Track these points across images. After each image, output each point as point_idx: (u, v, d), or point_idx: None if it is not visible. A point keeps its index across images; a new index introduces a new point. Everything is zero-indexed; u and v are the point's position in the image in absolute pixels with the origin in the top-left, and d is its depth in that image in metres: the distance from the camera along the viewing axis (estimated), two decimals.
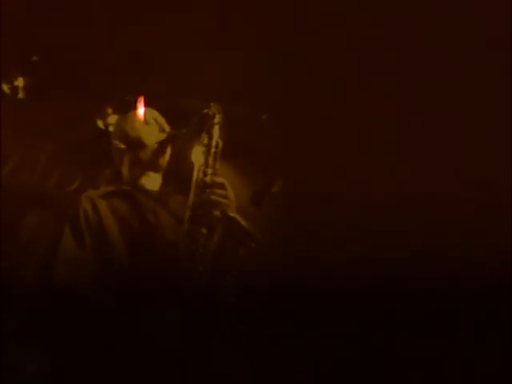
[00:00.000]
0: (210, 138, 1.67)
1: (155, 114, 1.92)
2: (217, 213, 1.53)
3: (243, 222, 1.48)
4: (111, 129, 3.62)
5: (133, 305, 1.51)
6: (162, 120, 1.91)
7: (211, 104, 1.71)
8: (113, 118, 3.60)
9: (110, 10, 2.88)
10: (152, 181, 1.85)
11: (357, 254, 2.94)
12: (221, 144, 1.66)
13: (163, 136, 1.84)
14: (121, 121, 1.96)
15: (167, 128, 1.88)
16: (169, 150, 1.85)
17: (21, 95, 3.32)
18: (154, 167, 1.86)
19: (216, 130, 1.68)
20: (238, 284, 1.58)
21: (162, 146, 1.82)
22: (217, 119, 1.69)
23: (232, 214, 1.50)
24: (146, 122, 1.87)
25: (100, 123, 3.67)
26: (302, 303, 3.26)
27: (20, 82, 3.29)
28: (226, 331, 1.47)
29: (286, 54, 3.03)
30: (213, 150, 1.65)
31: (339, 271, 2.99)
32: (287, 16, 2.88)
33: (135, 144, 1.84)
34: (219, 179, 1.61)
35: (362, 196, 3.06)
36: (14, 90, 3.28)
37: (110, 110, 3.63)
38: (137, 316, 1.46)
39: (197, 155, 1.67)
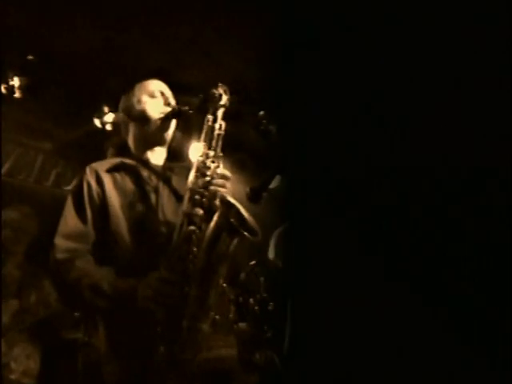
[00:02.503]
0: (215, 120, 1.64)
1: (162, 86, 1.87)
2: (216, 197, 1.52)
3: (242, 210, 1.48)
4: (108, 127, 3.64)
5: (129, 282, 1.49)
6: (168, 93, 1.86)
7: (219, 84, 1.67)
8: (109, 117, 3.60)
9: (106, 8, 2.88)
10: (156, 155, 1.82)
11: (356, 255, 2.95)
12: (224, 126, 1.64)
13: (168, 110, 1.79)
14: (128, 93, 1.90)
15: (173, 102, 1.83)
16: (173, 125, 1.83)
17: (17, 95, 3.31)
18: (159, 141, 1.82)
19: (221, 112, 1.65)
20: (231, 271, 1.59)
21: (166, 120, 1.78)
22: (223, 101, 1.66)
23: (231, 200, 1.50)
24: (152, 94, 1.83)
25: (97, 122, 3.67)
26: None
27: (16, 82, 3.29)
28: (216, 316, 1.47)
29: (284, 50, 3.03)
30: (216, 132, 1.63)
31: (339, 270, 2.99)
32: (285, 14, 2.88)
33: (140, 117, 1.80)
34: (221, 169, 1.60)
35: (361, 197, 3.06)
36: (10, 89, 3.28)
37: (106, 109, 3.63)
38: (133, 294, 1.45)
39: (200, 136, 1.64)
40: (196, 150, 1.69)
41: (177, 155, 1.87)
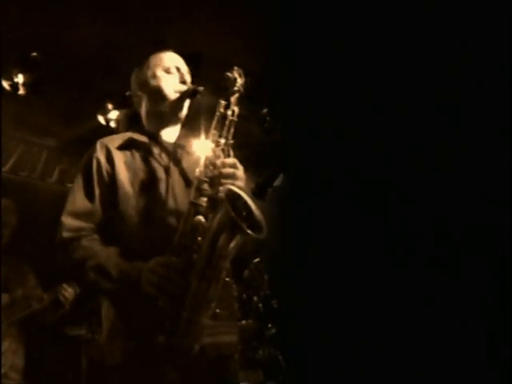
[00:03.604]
0: (227, 106, 1.57)
1: (178, 60, 1.80)
2: (223, 188, 1.46)
3: (249, 202, 1.45)
4: (112, 124, 3.65)
5: (134, 265, 1.48)
6: (184, 69, 1.78)
7: (234, 68, 1.61)
8: (114, 114, 3.60)
9: (110, 6, 2.88)
10: (169, 131, 1.76)
11: (357, 253, 2.96)
12: (237, 112, 1.57)
13: (183, 88, 1.72)
14: (143, 65, 1.81)
15: (189, 79, 1.75)
16: (187, 104, 1.76)
17: (21, 91, 3.31)
18: (172, 119, 1.76)
19: (234, 98, 1.58)
20: (235, 267, 1.58)
21: (180, 98, 1.72)
22: (237, 87, 1.59)
23: (239, 192, 1.46)
24: (168, 70, 1.75)
25: (101, 119, 3.67)
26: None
27: (20, 79, 3.29)
28: (217, 310, 1.47)
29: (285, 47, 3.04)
30: (228, 119, 1.56)
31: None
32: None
33: (154, 93, 1.74)
34: (231, 158, 1.55)
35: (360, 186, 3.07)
36: (15, 86, 3.28)
37: (110, 106, 3.63)
38: (137, 277, 1.43)
39: (211, 122, 1.58)
40: (202, 146, 1.67)
41: (190, 132, 1.82)
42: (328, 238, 3.20)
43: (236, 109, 1.58)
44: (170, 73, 1.75)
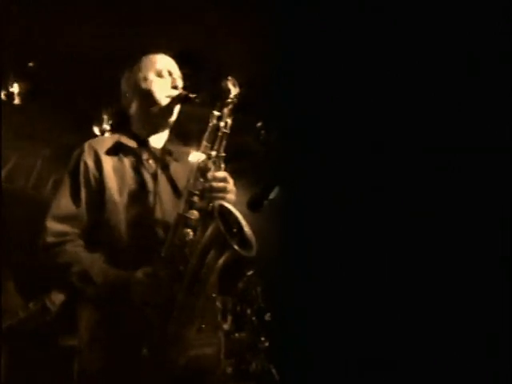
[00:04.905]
0: (220, 117, 1.55)
1: (171, 64, 1.76)
2: (215, 204, 1.45)
3: (240, 218, 1.45)
4: (107, 135, 3.64)
5: (118, 273, 1.46)
6: (176, 73, 1.75)
7: (229, 78, 1.57)
8: (108, 125, 3.60)
9: (105, 16, 2.88)
10: (157, 136, 1.73)
11: (353, 265, 2.95)
12: (230, 123, 1.54)
13: (174, 93, 1.69)
14: (134, 66, 1.77)
15: (180, 84, 1.72)
16: (177, 109, 1.72)
17: (17, 101, 3.31)
18: (161, 124, 1.73)
19: (227, 109, 1.56)
20: (228, 280, 1.57)
21: (171, 103, 1.69)
22: (230, 98, 1.56)
23: (230, 208, 1.46)
24: (159, 74, 1.72)
25: (96, 130, 3.66)
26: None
27: (15, 88, 3.29)
28: (202, 325, 1.46)
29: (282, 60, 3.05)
30: (220, 131, 1.54)
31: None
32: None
33: (145, 97, 1.70)
34: (222, 172, 1.54)
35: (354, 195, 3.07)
36: (10, 96, 3.28)
37: (106, 116, 3.63)
38: (121, 285, 1.43)
39: (201, 131, 1.57)
40: (192, 157, 1.66)
41: (178, 138, 1.80)
42: (323, 250, 3.19)
43: (229, 121, 1.56)
44: (162, 76, 1.73)
